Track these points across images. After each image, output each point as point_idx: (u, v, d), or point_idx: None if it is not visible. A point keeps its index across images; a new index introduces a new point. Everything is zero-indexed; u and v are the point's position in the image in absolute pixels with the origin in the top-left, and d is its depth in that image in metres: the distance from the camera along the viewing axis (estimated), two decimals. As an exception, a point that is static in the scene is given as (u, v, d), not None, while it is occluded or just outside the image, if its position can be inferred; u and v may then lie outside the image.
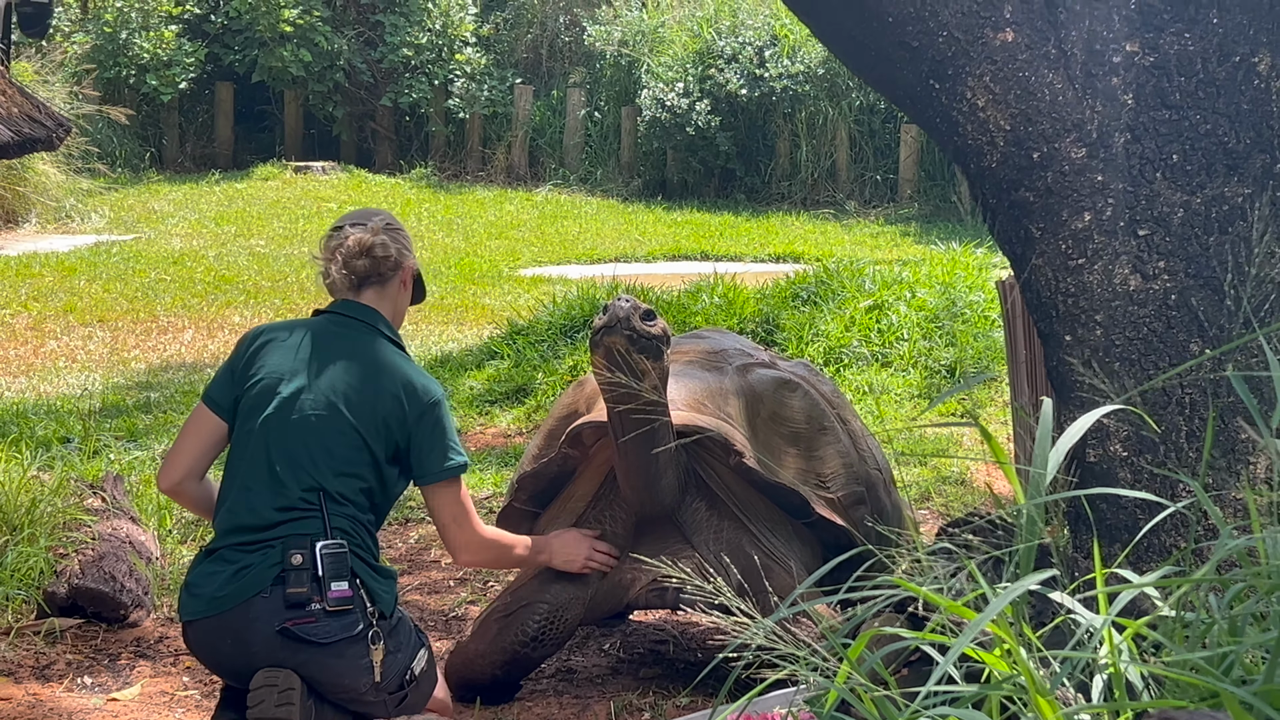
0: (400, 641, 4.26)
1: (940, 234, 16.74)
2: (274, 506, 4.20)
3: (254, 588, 4.13)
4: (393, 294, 4.52)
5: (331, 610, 4.11)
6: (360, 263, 4.46)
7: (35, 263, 14.00)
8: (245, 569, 4.16)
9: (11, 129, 5.22)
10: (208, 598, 4.17)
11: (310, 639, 4.10)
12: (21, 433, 7.66)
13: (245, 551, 4.18)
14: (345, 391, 4.31)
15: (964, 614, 2.62)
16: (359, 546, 4.24)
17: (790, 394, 5.13)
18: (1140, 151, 4.03)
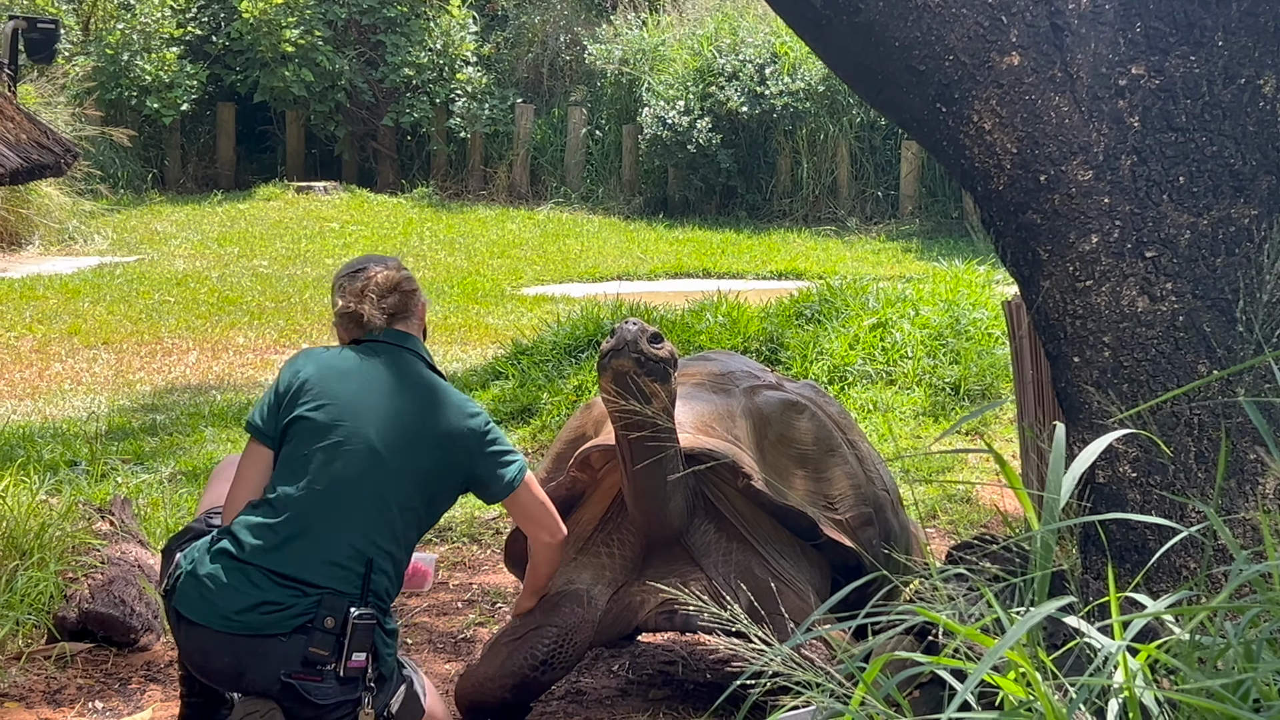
0: (384, 687, 4.22)
1: (942, 250, 16.77)
2: (322, 560, 4.13)
3: (274, 628, 4.06)
4: (416, 328, 4.53)
5: (342, 677, 4.09)
6: (391, 299, 4.46)
7: (39, 285, 14.02)
8: (270, 606, 4.08)
9: (20, 155, 5.24)
10: (221, 613, 4.09)
11: (310, 698, 4.06)
12: (29, 456, 7.67)
13: (277, 584, 4.09)
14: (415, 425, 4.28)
15: (982, 640, 2.63)
16: (383, 611, 4.19)
17: (798, 416, 5.15)
18: (1147, 174, 4.05)
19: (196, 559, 4.18)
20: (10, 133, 5.31)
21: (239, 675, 4.14)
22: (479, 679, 4.87)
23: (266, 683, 4.09)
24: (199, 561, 4.17)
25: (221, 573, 4.13)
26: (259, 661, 4.08)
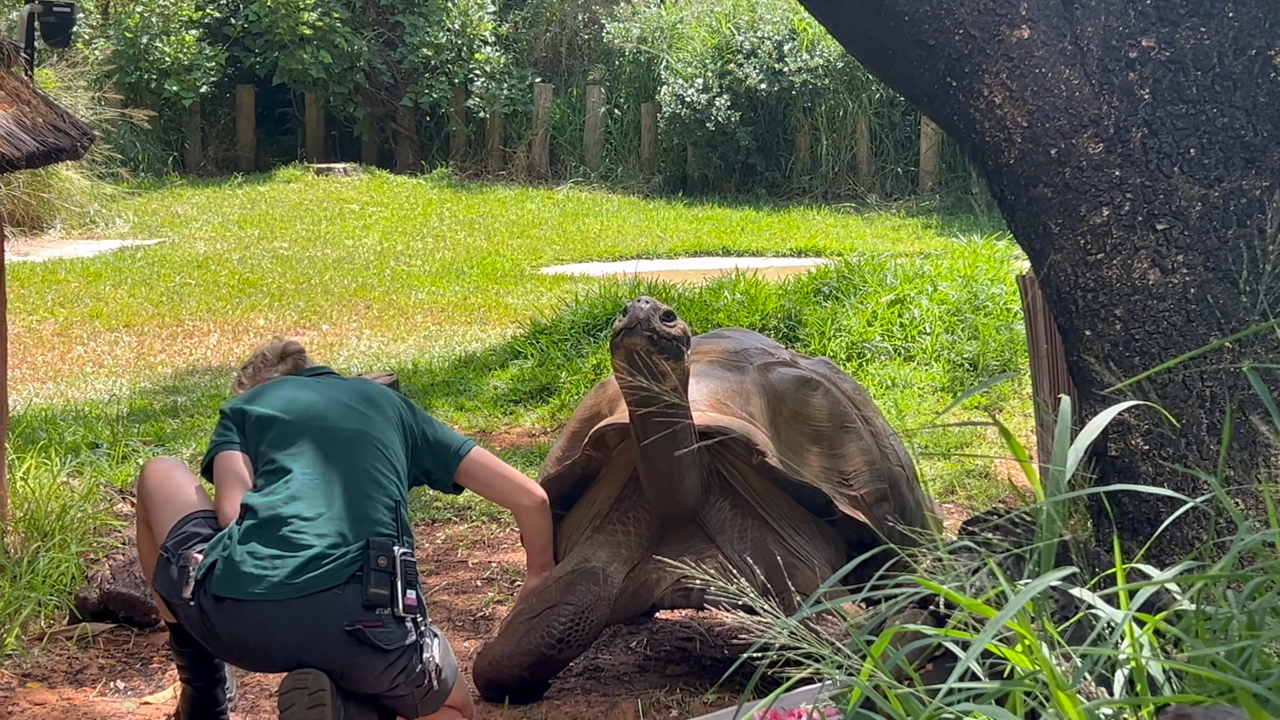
0: (426, 634, 4.31)
1: (962, 226, 16.73)
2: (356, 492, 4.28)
3: (329, 581, 4.11)
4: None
5: (398, 617, 4.14)
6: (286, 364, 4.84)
7: (60, 269, 14.08)
8: (325, 558, 4.13)
9: (37, 139, 5.26)
10: (278, 581, 4.11)
11: (377, 644, 4.12)
12: (50, 439, 7.72)
13: (319, 538, 4.16)
14: (371, 391, 4.61)
15: (984, 611, 2.64)
16: (413, 549, 4.33)
17: (812, 392, 5.15)
18: (1158, 146, 4.05)
19: (229, 543, 4.20)
20: (27, 116, 5.33)
21: (298, 648, 4.15)
22: (496, 657, 4.90)
23: (330, 643, 4.12)
24: (230, 547, 4.19)
25: (263, 547, 4.17)
26: (320, 621, 4.11)
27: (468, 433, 8.62)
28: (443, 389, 9.58)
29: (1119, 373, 3.97)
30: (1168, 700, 2.43)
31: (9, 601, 5.31)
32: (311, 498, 4.23)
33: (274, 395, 4.52)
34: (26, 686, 5.02)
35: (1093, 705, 2.47)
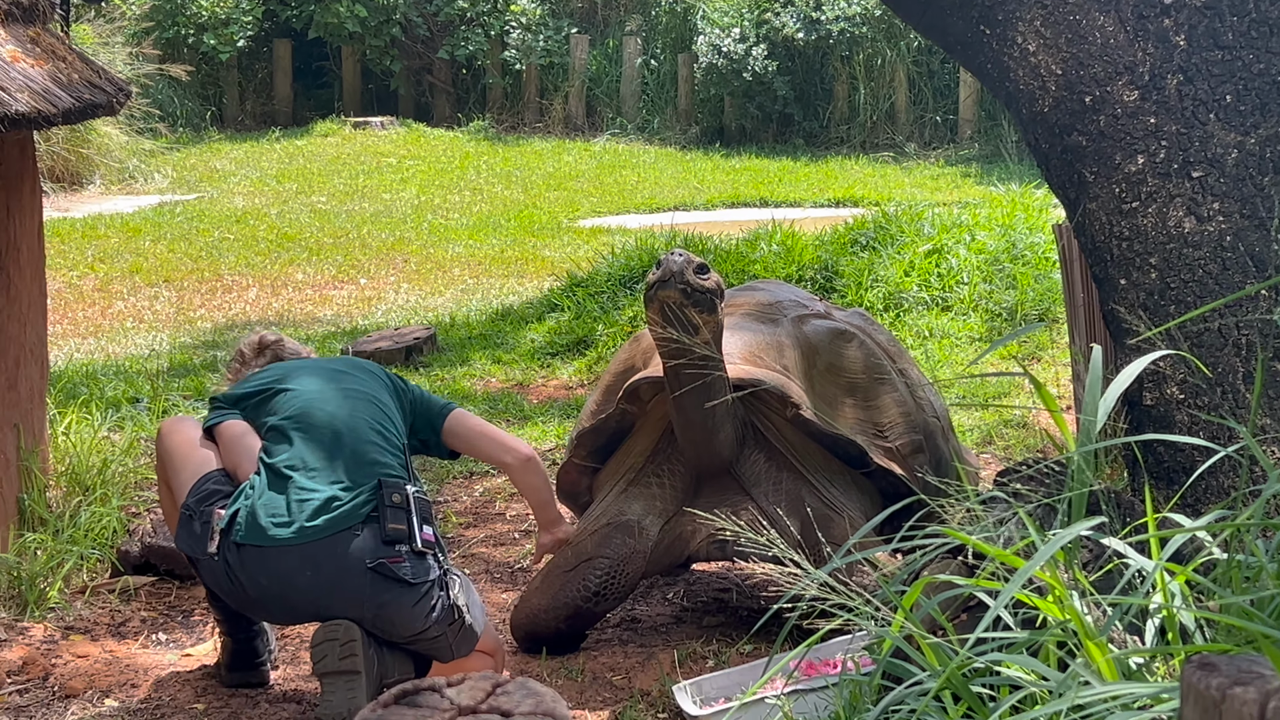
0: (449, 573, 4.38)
1: (1001, 175, 16.63)
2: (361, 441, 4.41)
3: (347, 522, 4.23)
4: None
5: (418, 551, 4.24)
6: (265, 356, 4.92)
7: (100, 224, 14.15)
8: (339, 501, 4.25)
9: (73, 95, 5.27)
10: (297, 525, 4.22)
11: (402, 577, 4.20)
12: (91, 394, 7.78)
13: (332, 484, 4.29)
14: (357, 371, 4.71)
15: (1012, 561, 2.64)
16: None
17: (846, 344, 5.15)
18: (1193, 93, 4.01)
19: (251, 495, 4.28)
20: (63, 73, 5.35)
21: (323, 591, 4.23)
22: (533, 610, 4.93)
23: (355, 583, 4.20)
24: (251, 497, 4.30)
25: (280, 495, 4.30)
26: (343, 561, 4.20)
27: (505, 386, 8.65)
28: (480, 342, 9.60)
29: (1153, 322, 3.95)
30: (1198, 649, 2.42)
31: (51, 555, 5.37)
32: (320, 450, 4.38)
33: (264, 375, 4.70)
34: (69, 639, 5.08)
35: (1122, 654, 2.47)
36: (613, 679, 4.79)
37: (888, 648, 2.80)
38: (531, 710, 1.57)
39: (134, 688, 4.74)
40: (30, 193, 5.60)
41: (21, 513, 5.44)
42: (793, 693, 3.96)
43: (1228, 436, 3.87)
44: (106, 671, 4.83)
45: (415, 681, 1.68)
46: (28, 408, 5.51)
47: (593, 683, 4.75)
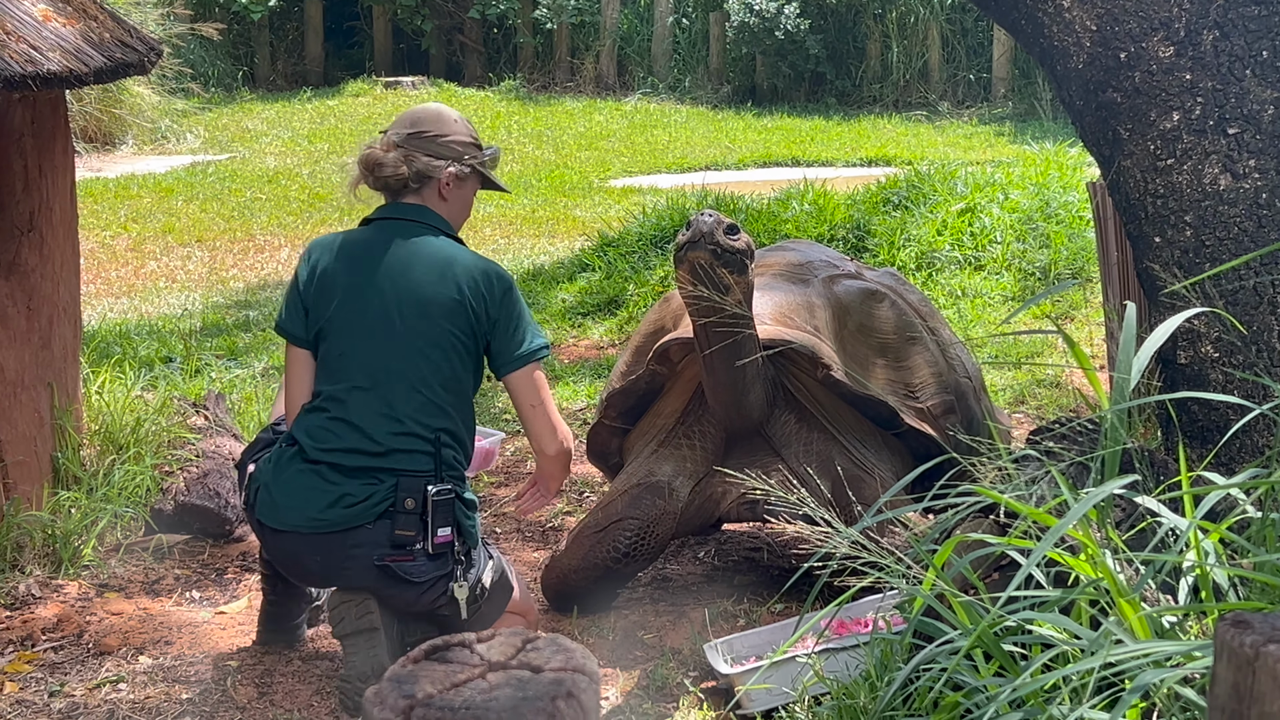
0: (473, 561, 4.30)
1: (1034, 133, 16.53)
2: (389, 432, 4.18)
3: (359, 519, 4.15)
4: (433, 200, 4.42)
5: (431, 554, 4.17)
6: (373, 178, 4.42)
7: (133, 184, 14.19)
8: (350, 498, 4.16)
9: (104, 54, 5.28)
10: (306, 515, 4.18)
11: (408, 577, 4.16)
12: (125, 353, 7.81)
13: (350, 476, 4.17)
14: (427, 292, 4.25)
15: (1045, 519, 2.63)
16: (459, 482, 4.25)
17: (877, 304, 5.13)
18: (1229, 49, 3.97)
19: (269, 469, 4.28)
20: (94, 32, 5.35)
21: (332, 573, 4.25)
22: (563, 570, 4.94)
23: (361, 572, 4.18)
24: (271, 472, 4.27)
25: (296, 476, 4.22)
26: (351, 552, 4.17)
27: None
28: (511, 302, 9.59)
29: (1188, 280, 3.92)
30: (1231, 607, 2.41)
31: (86, 513, 5.40)
32: (350, 431, 4.21)
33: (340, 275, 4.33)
34: (104, 597, 5.12)
35: (1155, 612, 2.46)
36: (644, 637, 4.80)
37: (919, 606, 2.79)
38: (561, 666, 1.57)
39: (168, 644, 4.78)
40: (63, 152, 5.61)
41: (56, 471, 5.48)
42: (823, 651, 3.97)
43: (1263, 395, 3.85)
44: (140, 629, 4.86)
45: (445, 637, 1.69)
46: (61, 367, 5.53)
47: (624, 641, 4.76)
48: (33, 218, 5.40)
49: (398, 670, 1.63)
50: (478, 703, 1.58)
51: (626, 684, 4.48)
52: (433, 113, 4.46)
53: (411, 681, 1.62)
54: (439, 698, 1.60)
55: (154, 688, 4.48)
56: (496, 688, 1.60)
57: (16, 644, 4.75)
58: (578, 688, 1.62)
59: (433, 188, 4.39)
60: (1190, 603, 2.61)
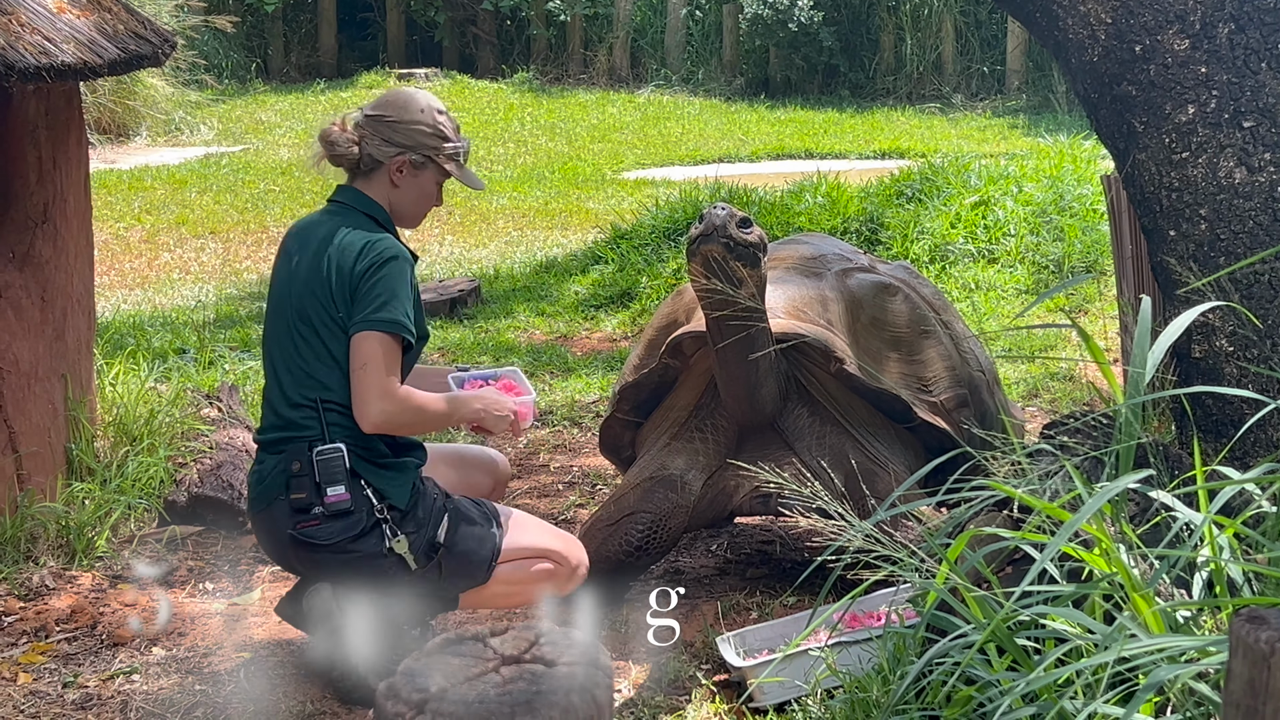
0: (420, 522, 4.27)
1: (1049, 126, 16.50)
2: (286, 404, 4.28)
3: (272, 492, 4.25)
4: (379, 188, 4.41)
5: (330, 514, 4.19)
6: (328, 155, 4.44)
7: (147, 176, 14.21)
8: (264, 473, 4.29)
9: (119, 46, 5.28)
10: (250, 498, 4.36)
11: (314, 540, 4.19)
12: (139, 345, 7.82)
13: (267, 453, 4.31)
14: (306, 273, 4.29)
15: (1059, 514, 2.62)
16: (361, 447, 4.24)
17: (891, 298, 5.12)
18: (1245, 42, 3.96)
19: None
20: (108, 23, 5.36)
21: (277, 555, 4.38)
22: (576, 563, 4.93)
23: (286, 549, 4.28)
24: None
25: (251, 466, 4.43)
26: (275, 528, 4.27)
27: (548, 338, 8.65)
28: (524, 294, 9.61)
29: (1203, 274, 3.91)
30: (1246, 602, 2.41)
31: (99, 505, 5.41)
32: (266, 410, 4.38)
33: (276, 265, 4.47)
34: (117, 588, 5.13)
35: (1169, 606, 2.45)
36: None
37: (932, 600, 2.79)
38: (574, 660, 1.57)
39: (181, 636, 4.79)
40: (76, 144, 5.62)
41: (69, 462, 5.49)
42: (836, 645, 3.96)
43: (1278, 389, 3.84)
44: (154, 620, 4.87)
45: (459, 631, 1.68)
46: (75, 358, 5.54)
47: (636, 634, 4.76)
48: (47, 209, 5.41)
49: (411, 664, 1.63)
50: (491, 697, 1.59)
51: (639, 676, 4.48)
52: (401, 98, 4.47)
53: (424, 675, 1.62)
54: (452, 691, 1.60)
55: (167, 679, 4.49)
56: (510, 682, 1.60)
57: (31, 635, 4.76)
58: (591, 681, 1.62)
59: (383, 173, 4.41)
60: (1205, 598, 2.60)
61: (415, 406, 4.23)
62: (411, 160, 4.40)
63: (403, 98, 4.47)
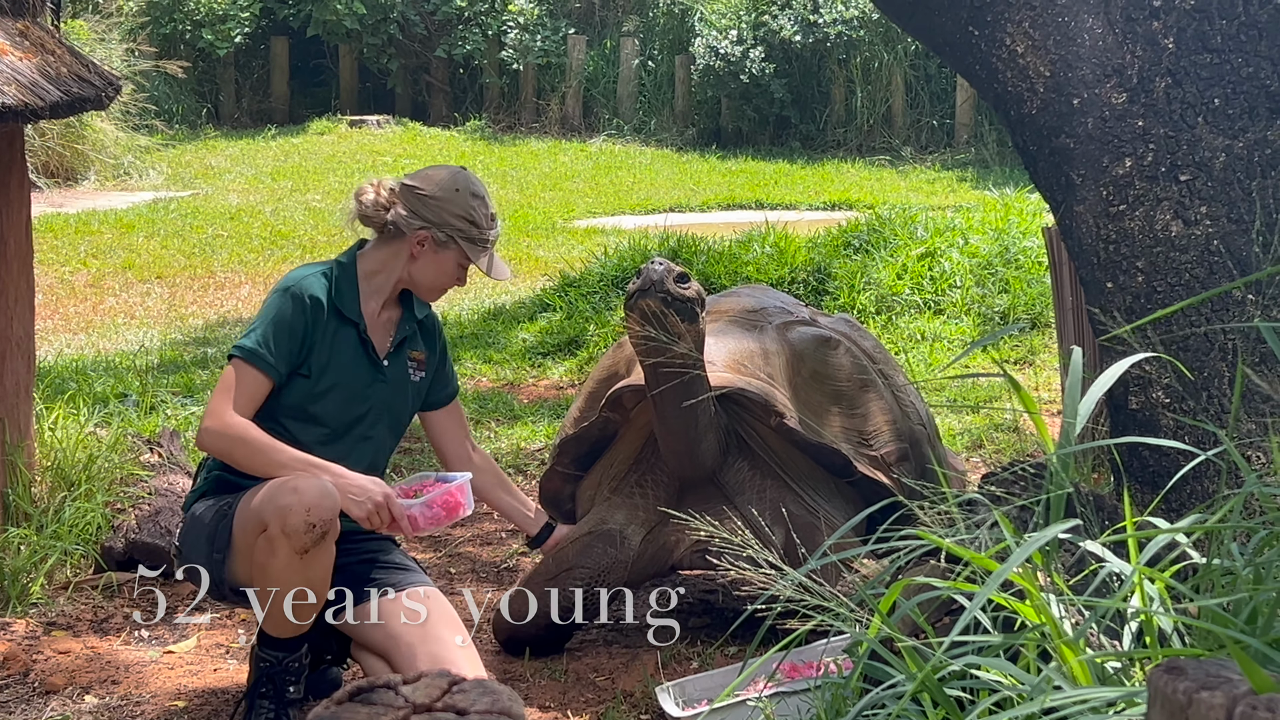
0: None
1: (997, 179, 16.63)
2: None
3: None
4: (396, 256, 4.42)
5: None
6: (357, 209, 4.47)
7: (94, 220, 14.13)
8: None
9: (60, 88, 5.25)
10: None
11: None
12: (80, 389, 7.76)
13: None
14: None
15: (987, 564, 2.63)
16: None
17: (832, 351, 5.12)
18: (1182, 96, 4.00)
19: None
20: (51, 66, 5.33)
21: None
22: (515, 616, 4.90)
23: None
24: None
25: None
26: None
27: (495, 385, 8.63)
28: (471, 341, 9.59)
29: (1116, 325, 3.93)
30: (1173, 653, 2.41)
31: (35, 550, 5.35)
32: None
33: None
34: (51, 635, 5.06)
35: (1097, 657, 2.46)
36: (596, 680, 4.77)
37: (864, 650, 2.78)
38: (487, 709, 1.55)
39: (114, 684, 4.72)
40: (18, 186, 5.58)
41: (5, 507, 5.43)
42: (774, 694, 3.95)
43: (1214, 441, 3.86)
44: (87, 668, 4.81)
45: (370, 679, 1.67)
46: (13, 402, 5.49)
47: (576, 683, 4.73)
48: (-15, 252, 5.36)
49: (320, 713, 1.61)
50: (404, 746, 1.56)
51: (577, 727, 4.45)
52: (440, 175, 4.46)
53: (337, 724, 1.60)
54: (364, 741, 1.58)
55: (98, 728, 4.43)
56: (422, 731, 1.58)
57: (-40, 682, 4.69)
58: (506, 731, 1.60)
59: (405, 243, 4.40)
60: (1134, 649, 2.60)
61: (236, 436, 4.15)
62: (435, 237, 4.38)
63: (443, 174, 4.46)
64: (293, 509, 3.97)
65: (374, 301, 4.42)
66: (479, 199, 4.43)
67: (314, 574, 4.07)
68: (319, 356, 4.28)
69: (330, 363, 4.29)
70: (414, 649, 4.20)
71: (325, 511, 3.99)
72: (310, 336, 4.26)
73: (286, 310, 4.22)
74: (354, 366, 4.34)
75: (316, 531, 3.99)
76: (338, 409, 4.33)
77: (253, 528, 4.10)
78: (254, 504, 4.10)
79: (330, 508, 4.01)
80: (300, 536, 3.98)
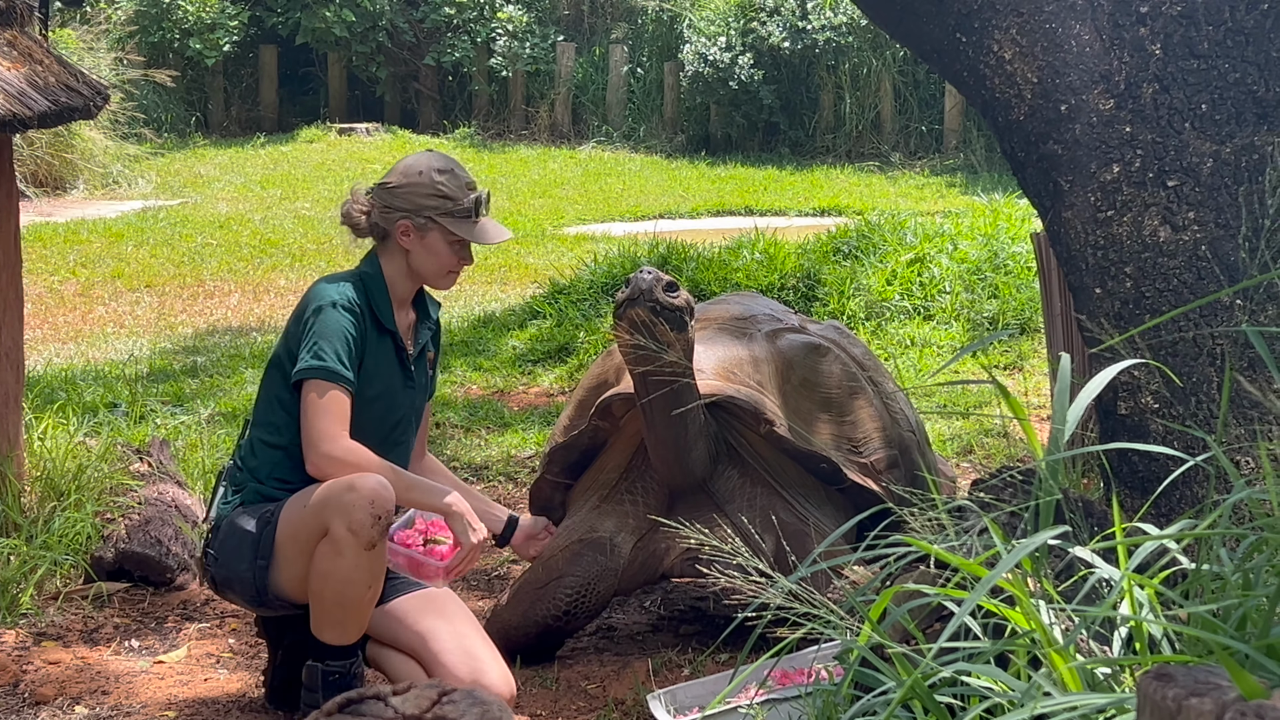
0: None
1: (986, 185, 16.65)
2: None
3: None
4: (394, 254, 4.46)
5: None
6: (345, 224, 4.54)
7: (83, 229, 14.11)
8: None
9: (49, 98, 5.25)
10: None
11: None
12: (69, 399, 7.74)
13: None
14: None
15: (976, 570, 2.63)
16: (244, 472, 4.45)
17: (821, 359, 5.12)
18: (1169, 102, 4.01)
19: None
20: (39, 76, 5.33)
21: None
22: (504, 625, 4.90)
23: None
24: None
25: None
26: None
27: (485, 393, 8.63)
28: (461, 349, 9.59)
29: (1107, 332, 3.94)
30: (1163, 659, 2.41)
31: (24, 561, 5.34)
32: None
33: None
34: (41, 645, 5.05)
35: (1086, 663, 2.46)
36: (587, 688, 4.76)
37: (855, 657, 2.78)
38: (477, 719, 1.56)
39: (104, 694, 4.71)
40: (6, 195, 5.57)
41: (-6, 518, 5.42)
42: (766, 701, 3.95)
43: (1202, 446, 3.87)
44: (77, 678, 4.80)
45: (360, 690, 1.67)
46: (2, 412, 5.48)
47: (567, 691, 4.73)
48: (-27, 262, 5.36)
49: (310, 724, 1.61)
50: (394, 757, 1.56)
51: (568, 735, 4.45)
52: (403, 164, 4.50)
53: (327, 735, 1.60)
54: (355, 752, 1.58)
55: (89, 738, 4.42)
56: (412, 742, 1.58)
57: (-50, 694, 4.68)
58: (496, 741, 1.60)
59: (394, 239, 4.44)
60: (1124, 655, 2.61)
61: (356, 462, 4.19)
62: (414, 224, 4.40)
63: (405, 163, 4.50)
64: (356, 504, 4.03)
65: (402, 309, 4.51)
66: (445, 173, 4.44)
67: (379, 568, 4.15)
68: (366, 368, 4.35)
69: (375, 373, 4.37)
70: (443, 643, 4.29)
71: (387, 502, 4.07)
72: (362, 348, 4.33)
73: (346, 324, 4.27)
74: (392, 375, 4.43)
75: (382, 524, 4.06)
76: (380, 417, 4.41)
77: (310, 533, 4.14)
78: (310, 508, 4.14)
79: (390, 498, 4.08)
80: (368, 531, 4.03)
